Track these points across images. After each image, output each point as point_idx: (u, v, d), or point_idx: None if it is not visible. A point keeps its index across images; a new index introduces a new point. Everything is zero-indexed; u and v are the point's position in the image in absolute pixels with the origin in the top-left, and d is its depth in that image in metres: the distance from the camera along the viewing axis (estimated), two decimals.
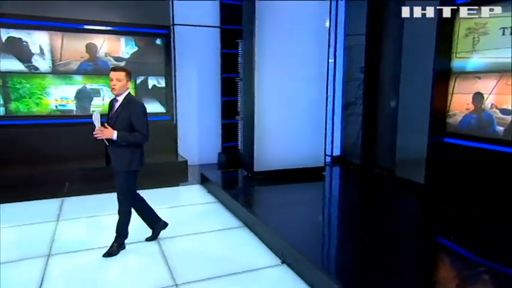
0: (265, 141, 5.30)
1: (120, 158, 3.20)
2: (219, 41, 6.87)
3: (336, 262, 3.22)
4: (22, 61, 5.87)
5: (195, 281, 2.91)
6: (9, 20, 5.69)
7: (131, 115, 3.13)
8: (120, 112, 3.15)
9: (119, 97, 3.18)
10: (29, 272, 2.97)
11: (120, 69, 3.20)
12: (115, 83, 3.11)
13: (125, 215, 3.35)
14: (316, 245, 3.41)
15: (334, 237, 3.76)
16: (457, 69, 4.52)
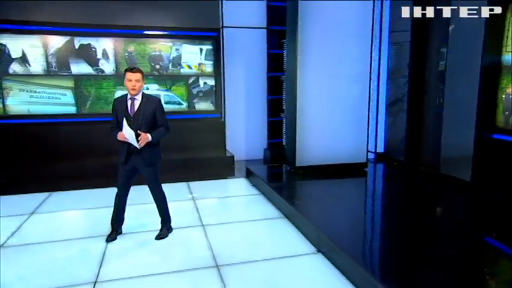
0: (308, 137, 5.48)
1: (153, 152, 3.51)
2: (266, 42, 7.15)
3: (370, 253, 3.31)
4: (91, 65, 6.60)
5: (234, 263, 3.19)
6: (81, 29, 6.43)
7: (155, 111, 3.42)
8: (143, 110, 3.38)
9: (137, 96, 3.37)
10: (95, 248, 3.46)
11: (137, 70, 3.35)
12: (134, 83, 3.28)
13: (163, 199, 3.72)
14: (352, 236, 3.50)
15: (371, 230, 3.83)
16: (507, 63, 4.37)
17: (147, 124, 3.39)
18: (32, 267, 3.11)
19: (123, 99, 3.42)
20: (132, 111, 3.37)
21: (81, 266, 3.11)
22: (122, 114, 3.35)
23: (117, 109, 3.40)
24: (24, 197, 4.82)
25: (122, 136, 3.30)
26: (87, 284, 2.82)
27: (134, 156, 3.44)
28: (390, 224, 3.92)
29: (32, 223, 4.06)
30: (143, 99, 3.41)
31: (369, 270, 2.79)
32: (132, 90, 3.31)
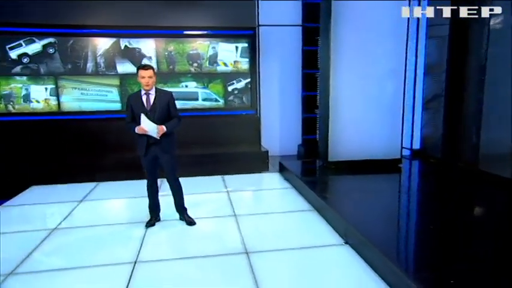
0: (341, 133, 5.52)
1: (170, 143, 3.77)
2: (301, 39, 7.22)
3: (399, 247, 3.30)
4: (134, 64, 7.02)
5: (263, 251, 3.34)
6: (126, 31, 6.86)
7: (169, 104, 3.68)
8: (158, 103, 3.62)
9: (151, 91, 3.61)
10: (135, 232, 3.76)
11: (149, 67, 3.58)
12: (147, 80, 3.51)
13: (180, 187, 3.97)
14: (381, 229, 3.50)
15: (402, 225, 3.81)
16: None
17: (161, 116, 3.64)
18: (80, 248, 3.45)
19: (138, 95, 3.66)
20: (148, 105, 3.62)
21: (123, 248, 3.41)
22: (138, 109, 3.59)
23: (133, 105, 3.64)
24: (75, 186, 5.28)
25: (141, 129, 3.54)
26: (128, 264, 3.09)
27: (153, 148, 3.68)
28: (423, 220, 3.88)
29: (81, 209, 4.46)
30: (157, 94, 3.67)
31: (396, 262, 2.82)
32: (146, 86, 3.56)
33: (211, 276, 2.93)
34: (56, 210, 4.38)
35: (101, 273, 2.97)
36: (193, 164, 6.43)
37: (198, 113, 7.26)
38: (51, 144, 6.67)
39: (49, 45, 6.69)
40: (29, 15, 6.43)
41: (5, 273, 2.93)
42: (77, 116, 6.85)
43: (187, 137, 7.14)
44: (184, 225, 3.93)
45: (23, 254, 3.26)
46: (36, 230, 3.82)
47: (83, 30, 6.72)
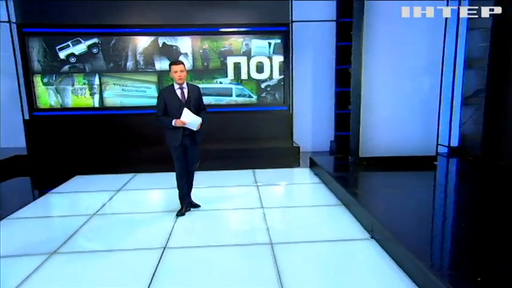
0: (374, 129, 5.44)
1: (200, 134, 3.95)
2: (335, 34, 7.15)
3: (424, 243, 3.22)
4: None
5: (288, 242, 3.39)
6: (163, 29, 7.14)
7: (198, 97, 3.88)
8: (192, 97, 3.82)
9: (184, 85, 3.81)
10: (167, 220, 3.94)
11: (180, 62, 3.78)
12: (180, 74, 3.71)
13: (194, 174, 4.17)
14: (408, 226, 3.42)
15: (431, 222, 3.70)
16: None
17: (195, 109, 3.82)
18: (115, 233, 3.69)
19: (171, 89, 3.83)
20: (184, 98, 3.81)
21: (154, 234, 3.60)
22: (174, 102, 3.77)
23: (166, 98, 3.80)
24: (114, 177, 5.58)
25: (180, 122, 3.71)
26: (158, 249, 3.26)
27: (186, 138, 3.86)
28: (455, 218, 3.74)
29: (119, 198, 4.73)
30: (189, 88, 3.86)
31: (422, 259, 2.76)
32: (179, 79, 3.74)
33: (234, 264, 3.02)
34: (96, 198, 4.68)
35: (132, 257, 3.16)
36: (226, 159, 6.60)
37: (232, 109, 7.42)
38: (94, 138, 7.13)
39: (93, 46, 7.11)
40: (75, 16, 6.88)
41: (49, 252, 3.20)
42: (118, 111, 7.24)
43: (221, 132, 7.36)
44: (213, 215, 4.08)
45: (65, 235, 3.54)
46: (77, 215, 4.11)
47: (123, 29, 7.08)
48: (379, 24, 5.19)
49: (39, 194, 4.97)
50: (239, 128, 7.38)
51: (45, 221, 4.06)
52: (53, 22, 6.90)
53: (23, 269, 2.93)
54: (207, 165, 6.23)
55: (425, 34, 5.18)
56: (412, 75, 5.32)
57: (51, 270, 2.95)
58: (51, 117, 7.14)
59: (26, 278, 2.80)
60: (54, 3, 6.80)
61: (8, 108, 6.99)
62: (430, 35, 5.19)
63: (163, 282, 2.74)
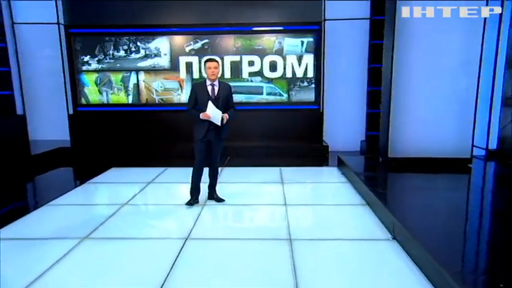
0: (404, 129, 5.31)
1: (226, 131, 4.06)
2: (368, 33, 7.02)
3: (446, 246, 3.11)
4: None
5: (307, 239, 3.42)
6: (198, 28, 7.35)
7: (228, 95, 3.98)
8: (222, 94, 3.95)
9: (216, 82, 3.93)
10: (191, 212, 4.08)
11: (215, 60, 3.93)
12: (213, 70, 3.85)
13: (218, 171, 4.30)
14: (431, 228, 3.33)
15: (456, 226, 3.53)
16: None
17: (223, 106, 3.95)
18: (142, 222, 3.88)
19: (203, 85, 3.98)
20: (213, 94, 3.95)
21: (178, 225, 3.76)
22: (204, 97, 3.91)
23: (198, 93, 3.96)
24: (147, 170, 5.84)
25: (205, 115, 3.86)
26: (180, 239, 3.40)
27: (210, 133, 3.99)
28: (483, 224, 3.59)
29: (149, 190, 4.95)
30: (220, 85, 3.98)
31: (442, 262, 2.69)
32: (211, 75, 3.88)
33: (251, 258, 3.09)
34: (127, 189, 4.93)
35: (156, 245, 3.32)
36: (254, 156, 6.69)
37: (262, 107, 7.50)
38: (130, 132, 7.48)
39: (132, 45, 7.44)
40: (116, 17, 7.25)
41: (81, 237, 3.43)
42: (153, 108, 7.54)
43: (250, 130, 7.46)
44: (236, 209, 4.18)
45: (97, 222, 3.77)
46: (109, 204, 4.37)
47: (161, 29, 7.36)
48: (413, 22, 5.03)
49: (79, 183, 5.32)
50: (269, 126, 7.45)
51: (81, 208, 4.34)
52: (95, 23, 7.32)
53: (57, 250, 3.16)
54: (236, 161, 6.38)
55: (462, 32, 4.96)
56: (447, 74, 5.14)
57: (81, 253, 3.17)
58: (92, 112, 7.58)
59: (59, 259, 3.03)
60: (97, 5, 7.21)
61: (54, 104, 7.50)
62: (467, 33, 4.97)
63: (182, 270, 2.87)
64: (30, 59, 7.37)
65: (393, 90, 5.24)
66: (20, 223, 3.83)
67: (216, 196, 4.35)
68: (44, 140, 7.38)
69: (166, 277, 2.76)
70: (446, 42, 5.03)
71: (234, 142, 7.14)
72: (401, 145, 5.33)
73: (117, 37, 7.40)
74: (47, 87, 7.44)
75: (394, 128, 5.34)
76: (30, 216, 4.03)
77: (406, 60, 5.12)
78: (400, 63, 5.19)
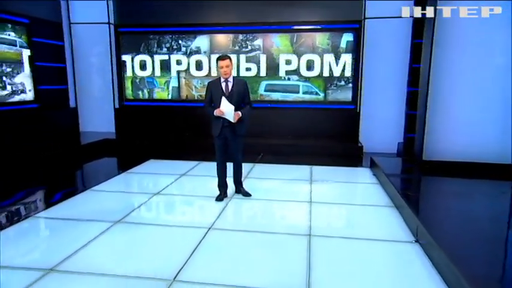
0: (442, 131, 5.15)
1: (242, 127, 4.11)
2: (411, 31, 6.79)
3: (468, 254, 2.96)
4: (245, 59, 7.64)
5: (327, 236, 3.43)
6: (238, 27, 7.52)
7: (243, 91, 4.02)
8: (236, 90, 3.99)
9: (230, 78, 3.99)
10: (219, 204, 4.24)
11: (227, 57, 3.96)
12: (225, 69, 3.91)
13: (241, 166, 4.36)
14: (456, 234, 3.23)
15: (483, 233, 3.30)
16: None
17: (238, 102, 4.01)
18: (170, 210, 4.11)
19: (217, 82, 4.06)
20: (227, 91, 4.02)
21: (204, 215, 3.94)
22: (218, 94, 3.99)
23: (213, 90, 4.06)
24: (182, 163, 6.09)
25: (219, 112, 3.94)
26: (204, 228, 3.56)
27: (226, 129, 4.07)
28: None
29: (181, 181, 5.19)
30: (234, 82, 4.05)
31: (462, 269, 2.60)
32: (224, 74, 3.95)
33: (267, 249, 3.18)
34: (161, 179, 5.20)
35: (180, 232, 3.51)
36: (287, 153, 6.74)
37: (298, 105, 7.52)
38: (169, 127, 7.84)
39: (174, 43, 7.78)
40: (161, 17, 7.61)
41: (114, 221, 3.71)
42: (191, 104, 7.82)
43: (286, 128, 7.52)
44: (261, 204, 4.28)
45: (129, 208, 4.05)
46: (143, 193, 4.65)
47: (203, 28, 7.61)
48: (455, 20, 4.82)
49: (119, 172, 5.70)
50: (304, 124, 7.46)
51: (118, 194, 4.65)
52: (143, 22, 7.74)
53: (92, 231, 3.45)
54: (268, 158, 6.47)
55: (508, 30, 4.67)
56: (491, 75, 4.90)
57: (112, 235, 3.43)
58: (135, 107, 8.03)
59: (92, 239, 3.30)
60: (143, 6, 7.62)
61: (103, 98, 8.04)
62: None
63: (201, 257, 3.02)
64: (83, 56, 7.95)
65: (431, 90, 5.06)
66: (64, 204, 4.21)
67: (243, 190, 4.45)
68: (92, 131, 7.94)
69: (186, 261, 2.93)
70: (491, 41, 4.78)
71: (268, 139, 7.27)
72: (439, 148, 5.16)
73: (160, 35, 7.77)
74: (97, 82, 7.99)
75: (431, 130, 5.17)
76: (74, 198, 4.41)
77: (447, 60, 4.93)
78: (439, 62, 5.01)
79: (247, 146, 6.83)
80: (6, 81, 6.48)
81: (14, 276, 2.73)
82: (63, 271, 2.80)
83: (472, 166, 4.92)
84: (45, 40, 7.26)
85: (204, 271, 2.81)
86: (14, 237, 3.39)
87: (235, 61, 7.54)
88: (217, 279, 2.69)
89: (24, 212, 4.00)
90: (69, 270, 2.81)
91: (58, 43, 7.62)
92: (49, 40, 7.37)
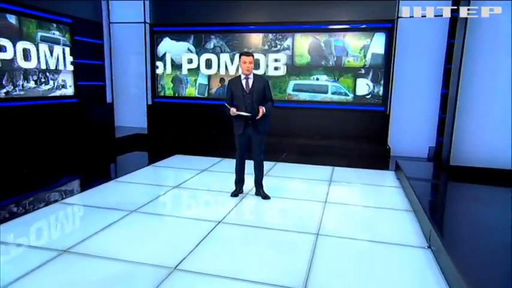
0: (473, 136, 4.87)
1: (265, 122, 4.07)
2: (447, 31, 6.48)
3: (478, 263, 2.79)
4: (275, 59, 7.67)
5: (334, 236, 3.38)
6: (269, 27, 7.55)
7: (265, 88, 3.99)
8: (256, 87, 3.97)
9: (250, 75, 3.98)
10: (234, 200, 4.30)
11: (250, 54, 4.00)
12: (248, 65, 3.92)
13: (262, 165, 4.32)
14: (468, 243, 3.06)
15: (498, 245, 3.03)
16: None
17: (258, 99, 4.00)
18: (185, 203, 4.23)
19: (238, 80, 4.06)
20: (248, 88, 4.02)
21: (217, 209, 3.99)
22: (238, 92, 4.01)
23: (233, 88, 4.06)
24: (205, 159, 6.23)
25: (233, 111, 3.97)
26: (214, 222, 3.62)
27: (249, 127, 4.09)
28: None
29: (201, 176, 5.32)
30: (255, 78, 4.05)
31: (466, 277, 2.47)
32: (246, 70, 3.96)
33: (273, 246, 3.19)
34: (182, 174, 5.35)
35: (190, 224, 3.60)
36: (312, 153, 6.69)
37: (326, 106, 7.43)
38: (197, 123, 8.02)
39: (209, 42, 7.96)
40: (195, 17, 7.82)
41: (131, 210, 3.88)
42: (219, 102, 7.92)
43: (313, 128, 7.46)
44: (273, 201, 4.27)
45: (147, 199, 4.20)
46: (163, 185, 4.82)
47: (237, 27, 7.73)
48: (490, 20, 4.53)
49: (145, 165, 5.92)
50: (331, 125, 7.36)
51: (139, 186, 4.83)
52: (177, 22, 8.00)
53: (108, 219, 3.63)
54: (292, 157, 6.45)
55: None
56: None
57: (127, 223, 3.59)
58: (166, 103, 8.31)
59: (107, 226, 3.48)
60: (178, 5, 7.88)
61: (137, 94, 8.40)
62: None
63: (205, 249, 3.09)
64: (120, 54, 8.35)
65: (461, 92, 4.81)
66: (89, 193, 4.47)
67: (262, 192, 4.37)
68: (126, 126, 8.32)
69: (190, 252, 3.01)
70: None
71: (294, 139, 7.25)
72: (468, 152, 4.89)
73: (194, 34, 7.98)
74: (132, 79, 8.36)
75: (461, 134, 4.92)
76: (99, 188, 4.67)
77: (478, 61, 4.66)
78: (471, 63, 4.74)
79: (272, 144, 6.92)
80: (49, 77, 6.95)
81: (33, 255, 2.94)
82: (76, 253, 2.97)
83: (502, 173, 4.62)
84: (86, 39, 7.71)
85: (205, 262, 2.87)
86: (39, 219, 3.65)
87: (265, 60, 7.59)
88: (215, 270, 2.74)
89: (53, 198, 4.28)
90: (81, 252, 2.98)
91: (98, 41, 8.05)
92: (89, 39, 7.82)
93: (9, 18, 6.08)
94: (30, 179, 5.05)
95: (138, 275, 2.68)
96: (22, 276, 2.61)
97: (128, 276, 2.67)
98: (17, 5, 6.17)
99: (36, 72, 6.64)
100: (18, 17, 6.20)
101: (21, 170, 5.22)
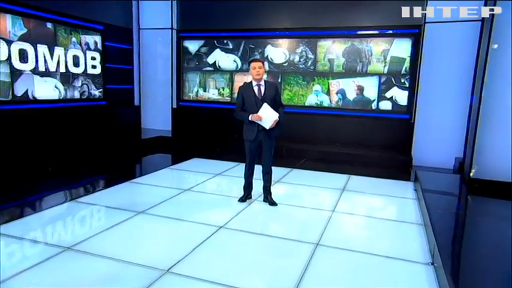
0: (498, 147, 4.56)
1: (277, 130, 4.04)
2: (478, 36, 6.14)
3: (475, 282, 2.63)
4: None
5: (334, 247, 3.29)
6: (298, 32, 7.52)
7: (276, 94, 3.98)
8: (268, 93, 3.96)
9: (261, 82, 3.96)
10: (239, 205, 4.31)
11: (259, 60, 4.00)
12: (258, 70, 3.91)
13: (271, 172, 4.28)
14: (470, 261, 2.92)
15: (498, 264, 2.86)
16: None
17: (270, 105, 3.95)
18: (192, 206, 4.26)
19: (249, 86, 4.05)
20: (260, 95, 4.00)
21: (221, 214, 4.00)
22: (251, 98, 4.00)
23: (244, 94, 4.06)
24: (221, 163, 6.29)
25: (257, 117, 3.93)
26: (215, 226, 3.65)
27: (261, 133, 4.06)
28: None
29: (214, 180, 5.38)
30: (266, 85, 4.02)
31: None
32: (257, 75, 3.94)
33: (269, 254, 3.18)
34: (196, 177, 5.44)
35: (193, 228, 3.65)
36: (330, 161, 6.57)
37: (348, 113, 7.28)
38: (219, 128, 8.11)
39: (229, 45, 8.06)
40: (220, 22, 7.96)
41: (138, 211, 3.99)
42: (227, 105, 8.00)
43: (333, 135, 7.33)
44: (279, 208, 4.24)
45: (156, 201, 4.31)
46: (174, 188, 4.91)
47: (263, 33, 7.77)
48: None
49: (162, 168, 6.06)
50: (352, 132, 7.20)
51: (151, 188, 4.97)
52: (202, 28, 8.17)
53: (114, 219, 3.77)
54: (309, 164, 6.37)
55: None
56: None
57: (131, 224, 3.70)
58: (190, 107, 8.49)
59: (112, 226, 3.60)
60: (204, 12, 8.04)
61: (163, 98, 8.64)
62: None
63: (201, 253, 3.12)
64: (148, 59, 8.64)
65: (485, 101, 4.55)
66: (102, 193, 4.65)
67: (270, 199, 4.34)
68: (152, 128, 8.57)
69: (185, 256, 3.05)
70: None
71: (313, 145, 7.16)
72: (492, 165, 4.60)
73: (220, 40, 8.11)
74: (158, 83, 8.62)
75: (484, 145, 4.64)
76: (113, 188, 4.84)
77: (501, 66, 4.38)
78: (497, 70, 4.47)
79: (291, 150, 6.91)
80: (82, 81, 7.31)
81: (38, 250, 3.10)
82: (78, 250, 3.10)
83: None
84: (116, 44, 8.04)
85: (198, 267, 2.89)
86: (51, 217, 3.84)
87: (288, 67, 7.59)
88: (207, 275, 2.76)
89: (67, 197, 4.50)
90: (83, 250, 3.10)
91: (127, 47, 8.39)
92: (120, 44, 8.15)
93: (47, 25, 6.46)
94: (51, 177, 5.33)
95: (129, 276, 2.76)
96: (24, 271, 2.76)
97: (119, 276, 2.75)
98: (54, 13, 6.54)
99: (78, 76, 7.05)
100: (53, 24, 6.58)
101: (47, 167, 5.52)
